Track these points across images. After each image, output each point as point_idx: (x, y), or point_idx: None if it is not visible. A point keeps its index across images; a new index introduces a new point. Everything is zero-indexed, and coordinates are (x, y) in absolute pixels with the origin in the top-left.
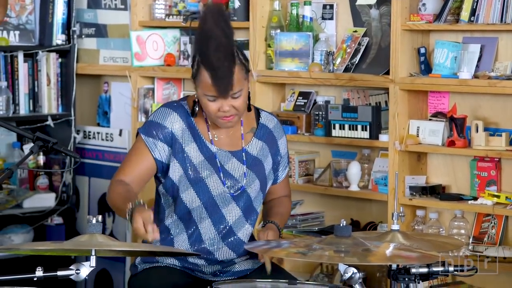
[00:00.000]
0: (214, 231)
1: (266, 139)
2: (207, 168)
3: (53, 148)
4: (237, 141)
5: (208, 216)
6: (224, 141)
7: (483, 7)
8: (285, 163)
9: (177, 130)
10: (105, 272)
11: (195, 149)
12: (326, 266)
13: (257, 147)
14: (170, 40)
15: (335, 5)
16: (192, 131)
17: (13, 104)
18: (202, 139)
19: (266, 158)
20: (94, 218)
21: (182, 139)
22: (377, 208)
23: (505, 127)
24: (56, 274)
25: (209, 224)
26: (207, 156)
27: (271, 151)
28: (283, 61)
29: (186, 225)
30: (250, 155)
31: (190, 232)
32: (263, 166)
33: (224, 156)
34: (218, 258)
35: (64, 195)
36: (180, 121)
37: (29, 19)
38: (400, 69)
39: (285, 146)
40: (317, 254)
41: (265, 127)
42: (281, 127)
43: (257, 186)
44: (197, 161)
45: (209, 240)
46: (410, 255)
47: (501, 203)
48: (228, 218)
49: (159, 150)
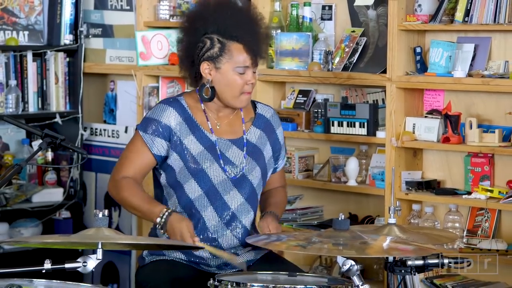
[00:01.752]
0: (217, 219)
1: (264, 128)
2: (207, 157)
3: (61, 144)
4: (238, 129)
5: (210, 204)
6: (224, 129)
7: (477, 7)
8: (284, 152)
9: (174, 124)
10: (111, 265)
11: (194, 140)
12: (325, 258)
13: (256, 135)
14: (174, 40)
15: (334, 6)
16: (189, 123)
17: (23, 102)
18: (201, 130)
19: (265, 146)
20: (101, 212)
21: (179, 132)
22: (374, 203)
23: (498, 124)
24: (64, 266)
25: (212, 212)
26: (206, 146)
27: (270, 140)
28: (283, 60)
29: (190, 215)
30: (250, 143)
31: (195, 222)
32: (262, 154)
33: (224, 144)
34: (222, 245)
35: (71, 190)
36: (176, 115)
37: (37, 20)
38: (397, 68)
39: (282, 136)
40: (317, 247)
41: (262, 116)
42: (278, 117)
43: (258, 174)
44: (196, 152)
45: (213, 227)
46: (406, 248)
47: (494, 198)
48: (231, 204)
49: (157, 146)
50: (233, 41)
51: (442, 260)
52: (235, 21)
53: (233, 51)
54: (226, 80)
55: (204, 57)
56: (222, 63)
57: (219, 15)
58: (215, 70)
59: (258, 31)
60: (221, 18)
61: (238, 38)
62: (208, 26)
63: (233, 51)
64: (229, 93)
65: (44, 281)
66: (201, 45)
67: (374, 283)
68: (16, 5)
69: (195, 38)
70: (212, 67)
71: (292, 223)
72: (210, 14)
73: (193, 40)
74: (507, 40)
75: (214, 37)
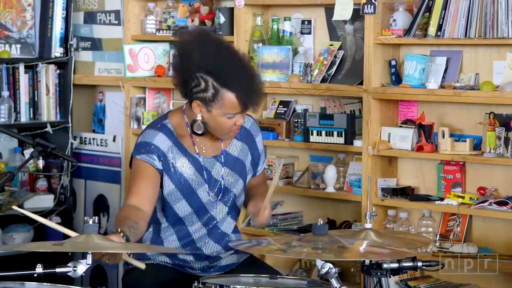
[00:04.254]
0: (204, 231)
1: (245, 139)
2: (197, 179)
3: (51, 153)
4: (218, 145)
5: (199, 220)
6: (209, 148)
7: (449, 23)
8: (264, 158)
9: (165, 148)
10: (100, 268)
11: (185, 163)
12: (304, 262)
13: (238, 148)
14: (160, 53)
15: (313, 20)
16: (179, 147)
17: (15, 112)
18: (189, 153)
19: (247, 156)
20: (91, 219)
21: (171, 156)
22: (351, 208)
23: (469, 133)
24: (55, 271)
25: (199, 226)
26: (197, 168)
27: (250, 148)
28: (265, 72)
29: (177, 228)
30: (231, 156)
31: (181, 234)
32: (244, 165)
33: (209, 162)
34: (206, 252)
35: (62, 196)
36: (167, 139)
37: (29, 33)
38: (373, 79)
39: (261, 142)
40: (296, 251)
41: (243, 127)
42: (257, 125)
43: (241, 185)
44: (188, 174)
45: (198, 238)
46: (382, 251)
47: (465, 203)
48: (217, 217)
49: (156, 161)
50: (227, 89)
51: (416, 263)
52: (232, 69)
53: (226, 100)
54: (215, 121)
55: (196, 96)
56: (213, 108)
57: (217, 58)
58: (206, 111)
59: (253, 80)
60: (218, 62)
61: (232, 87)
62: (204, 65)
63: (225, 100)
64: (218, 131)
65: (35, 284)
66: (195, 82)
67: (352, 285)
68: (9, 19)
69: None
70: (203, 107)
71: (273, 228)
72: (208, 54)
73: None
74: (478, 53)
75: (209, 81)
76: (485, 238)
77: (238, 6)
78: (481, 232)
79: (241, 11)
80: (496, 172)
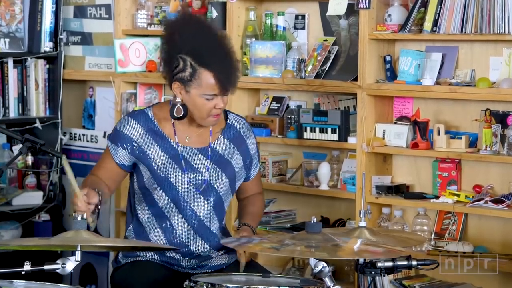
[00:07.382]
0: (187, 226)
1: (233, 139)
2: (171, 166)
3: (41, 149)
4: (205, 138)
5: (178, 212)
6: (193, 139)
7: (445, 18)
8: (256, 161)
9: (136, 136)
10: (89, 266)
11: (158, 150)
12: (297, 260)
13: (223, 145)
14: (151, 48)
15: (307, 15)
16: (153, 134)
17: (3, 108)
18: (167, 140)
19: (233, 156)
20: (80, 215)
21: (143, 143)
22: (345, 206)
23: (465, 130)
24: (43, 268)
25: (180, 219)
26: (171, 155)
27: (239, 150)
28: (257, 68)
29: (159, 221)
30: (216, 152)
31: (164, 227)
32: (230, 163)
33: (189, 153)
34: (194, 250)
35: (51, 193)
36: (139, 126)
37: (18, 27)
38: (367, 75)
39: (254, 145)
40: (289, 249)
41: (232, 127)
42: (249, 127)
43: (225, 182)
44: (161, 162)
45: (184, 234)
46: (376, 250)
47: (461, 201)
48: (199, 212)
49: (119, 156)
50: (204, 68)
51: (411, 262)
52: (210, 48)
53: (203, 78)
54: (193, 103)
55: (176, 77)
56: (191, 88)
57: (196, 38)
58: (185, 92)
59: (230, 62)
60: (197, 42)
61: (209, 65)
62: (184, 46)
63: (202, 79)
64: (197, 114)
65: (23, 282)
66: (175, 63)
67: (345, 284)
68: None
69: (171, 53)
70: (182, 88)
71: (266, 226)
72: (187, 35)
73: (170, 53)
74: (474, 49)
75: (187, 60)
76: (480, 237)
77: (230, 0)
78: (477, 231)
79: (233, 5)
80: (492, 169)
